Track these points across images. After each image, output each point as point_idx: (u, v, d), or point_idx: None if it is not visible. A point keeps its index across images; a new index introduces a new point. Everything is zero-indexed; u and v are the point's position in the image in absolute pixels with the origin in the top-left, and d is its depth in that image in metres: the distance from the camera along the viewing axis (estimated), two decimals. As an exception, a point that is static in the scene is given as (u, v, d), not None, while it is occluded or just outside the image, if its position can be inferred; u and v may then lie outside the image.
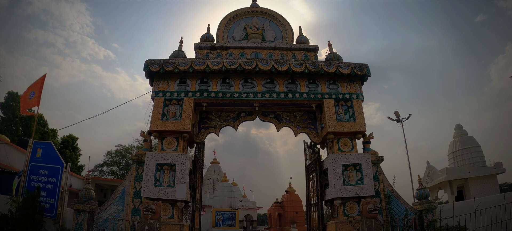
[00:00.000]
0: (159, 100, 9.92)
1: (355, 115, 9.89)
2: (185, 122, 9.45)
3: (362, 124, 9.78)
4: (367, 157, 9.42)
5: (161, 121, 9.58)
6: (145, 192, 8.83)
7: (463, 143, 20.67)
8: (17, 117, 27.51)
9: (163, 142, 9.62)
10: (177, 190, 8.75)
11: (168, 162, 9.09)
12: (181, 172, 8.92)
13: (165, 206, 8.93)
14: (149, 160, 9.15)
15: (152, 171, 9.05)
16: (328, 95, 10.05)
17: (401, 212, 9.45)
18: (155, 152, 9.46)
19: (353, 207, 9.15)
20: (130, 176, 9.55)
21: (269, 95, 9.82)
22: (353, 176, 9.29)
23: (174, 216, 8.82)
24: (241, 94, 9.80)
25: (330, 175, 9.22)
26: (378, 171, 9.77)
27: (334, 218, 9.38)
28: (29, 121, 27.24)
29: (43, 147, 10.42)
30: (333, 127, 9.58)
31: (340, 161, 9.23)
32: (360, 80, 10.55)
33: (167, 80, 10.19)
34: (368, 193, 9.01)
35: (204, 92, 9.88)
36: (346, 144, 9.76)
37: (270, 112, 10.36)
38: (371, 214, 8.05)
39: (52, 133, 29.76)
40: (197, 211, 9.91)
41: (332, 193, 8.96)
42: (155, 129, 9.50)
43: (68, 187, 19.60)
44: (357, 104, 10.10)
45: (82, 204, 9.10)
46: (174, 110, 9.79)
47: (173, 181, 8.92)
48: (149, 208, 7.62)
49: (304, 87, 10.09)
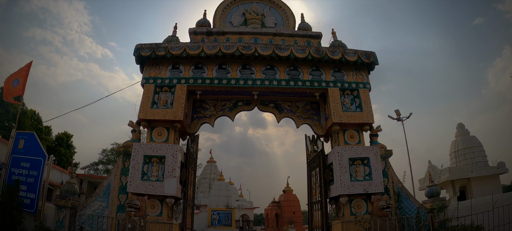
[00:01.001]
0: (149, 87, 8.85)
1: (362, 105, 8.88)
2: (177, 110, 8.38)
3: (370, 115, 8.76)
4: (375, 150, 8.40)
5: (151, 109, 8.50)
6: (131, 186, 7.75)
7: (465, 142, 19.76)
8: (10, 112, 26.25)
9: (153, 132, 8.54)
10: (167, 184, 7.66)
11: (157, 153, 8.00)
12: (171, 164, 7.84)
13: (153, 203, 7.84)
14: (137, 151, 8.07)
15: (140, 163, 7.96)
16: (333, 84, 9.03)
17: (412, 211, 8.44)
18: (144, 143, 8.37)
19: (361, 205, 8.11)
20: (116, 169, 8.47)
21: (269, 83, 8.78)
22: (361, 171, 8.26)
23: (163, 213, 7.73)
24: (239, 81, 8.76)
25: (335, 169, 8.18)
26: (387, 166, 8.77)
27: (340, 217, 8.33)
28: (23, 117, 25.97)
29: (25, 137, 9.39)
30: (339, 117, 8.55)
31: (346, 154, 8.20)
32: (367, 69, 9.56)
33: (159, 66, 9.13)
34: (377, 189, 7.99)
35: (198, 79, 8.82)
36: (352, 137, 8.73)
37: (270, 101, 9.30)
38: (384, 212, 7.02)
39: (47, 130, 28.52)
40: (189, 209, 8.81)
41: (338, 190, 7.91)
42: (144, 118, 8.42)
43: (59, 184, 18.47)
44: (364, 94, 9.10)
45: (64, 200, 8.03)
46: (165, 98, 8.72)
47: (162, 175, 7.83)
48: (133, 203, 6.53)
49: (307, 75, 9.07)
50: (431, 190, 8.97)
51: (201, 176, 31.64)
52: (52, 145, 28.08)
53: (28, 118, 25.92)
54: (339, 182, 7.90)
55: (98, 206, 8.40)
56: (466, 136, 20.12)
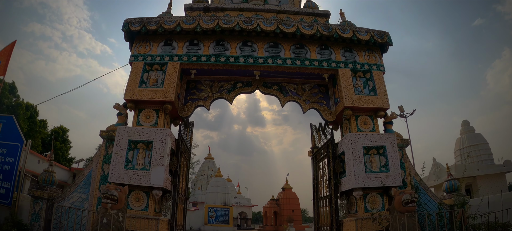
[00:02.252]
0: (138, 64, 7.60)
1: (376, 88, 7.66)
2: (167, 89, 7.13)
3: (385, 99, 7.54)
4: (392, 138, 7.18)
5: (139, 88, 7.25)
6: (113, 175, 6.49)
7: (470, 140, 18.59)
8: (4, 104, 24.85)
9: (140, 115, 7.28)
10: (153, 174, 6.40)
11: (144, 138, 6.74)
12: (159, 151, 6.58)
13: (137, 195, 6.57)
14: (121, 135, 6.81)
15: (123, 149, 6.70)
16: (343, 64, 7.81)
17: (431, 207, 7.23)
18: (129, 126, 7.10)
19: (376, 200, 6.88)
20: (98, 157, 7.20)
21: (273, 61, 7.53)
22: (376, 162, 7.04)
23: (149, 208, 6.47)
24: (239, 59, 7.51)
25: (348, 159, 6.94)
26: (403, 157, 7.55)
27: (352, 214, 7.09)
28: (17, 108, 24.59)
29: (3, 121, 8.11)
30: (351, 100, 7.32)
31: (360, 142, 6.97)
32: (380, 50, 8.35)
33: (150, 42, 7.88)
34: (395, 182, 6.77)
35: (193, 56, 7.57)
36: (366, 123, 7.50)
37: (273, 83, 8.04)
38: (408, 208, 5.78)
39: (42, 123, 27.13)
40: (181, 203, 7.54)
41: (352, 182, 6.68)
42: (130, 98, 7.16)
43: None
44: (378, 76, 7.88)
45: (40, 190, 6.79)
46: (155, 77, 7.47)
47: (149, 163, 6.57)
48: (109, 194, 5.26)
49: (315, 54, 7.84)
50: (450, 184, 7.76)
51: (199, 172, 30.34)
52: (47, 139, 26.69)
53: (23, 109, 24.54)
54: (353, 174, 6.66)
55: (77, 198, 7.13)
56: (472, 133, 18.97)
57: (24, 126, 23.96)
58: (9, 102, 24.38)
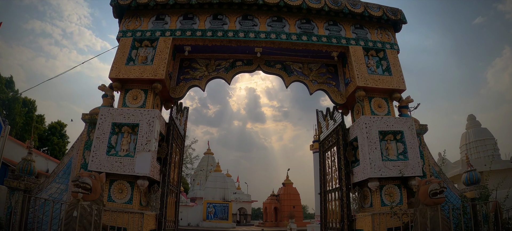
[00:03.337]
0: (126, 41, 6.60)
1: (390, 68, 6.68)
2: (157, 66, 6.13)
3: (401, 80, 6.56)
4: (410, 123, 6.19)
5: (126, 66, 6.25)
6: (93, 163, 5.49)
7: (477, 135, 17.56)
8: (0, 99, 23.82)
9: (127, 95, 6.28)
10: (138, 161, 5.39)
11: (129, 121, 5.74)
12: (146, 135, 5.58)
13: (121, 185, 5.57)
14: (104, 118, 5.81)
15: (106, 133, 5.70)
16: (354, 42, 6.82)
17: (452, 200, 6.27)
18: (113, 108, 6.09)
19: (393, 192, 5.88)
20: (79, 143, 6.20)
21: (276, 36, 6.53)
22: (393, 149, 6.05)
23: (133, 200, 5.46)
24: (238, 33, 6.50)
25: (362, 145, 5.94)
26: (421, 145, 6.57)
27: (365, 208, 6.10)
28: (13, 103, 23.55)
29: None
30: (364, 80, 6.33)
31: (376, 126, 5.97)
32: (393, 28, 7.37)
33: (140, 18, 6.89)
34: (415, 172, 5.79)
35: (187, 31, 6.56)
36: (380, 106, 6.51)
37: (276, 62, 7.02)
38: (435, 199, 4.78)
39: (39, 118, 26.10)
40: (172, 196, 6.53)
41: (367, 172, 5.68)
42: (116, 77, 6.17)
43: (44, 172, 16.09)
44: (392, 55, 6.90)
45: (17, 181, 5.82)
46: (145, 54, 6.47)
47: (134, 150, 5.57)
48: (80, 181, 4.26)
49: (323, 30, 6.84)
50: (470, 175, 6.78)
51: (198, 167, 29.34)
52: (45, 134, 25.66)
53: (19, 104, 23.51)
54: (368, 162, 5.67)
55: (56, 189, 6.14)
56: (478, 128, 17.95)
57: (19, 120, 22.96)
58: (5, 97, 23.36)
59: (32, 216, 5.80)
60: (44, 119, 26.47)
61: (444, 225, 4.80)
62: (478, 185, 6.64)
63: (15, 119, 22.93)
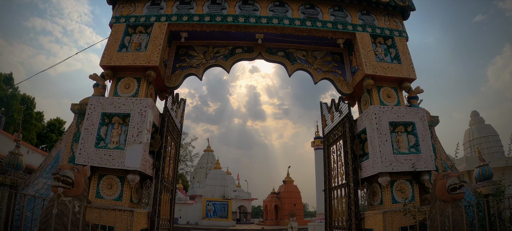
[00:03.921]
0: (119, 27, 6.10)
1: (399, 56, 6.19)
2: (151, 53, 5.63)
3: (411, 68, 6.07)
4: (422, 114, 5.70)
5: (118, 53, 5.75)
6: (81, 156, 4.99)
7: (480, 131, 17.06)
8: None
9: (119, 84, 5.78)
10: (128, 153, 4.89)
11: (120, 111, 5.24)
12: (137, 125, 5.07)
13: (110, 180, 5.07)
14: (93, 107, 5.31)
15: (95, 124, 5.20)
16: (361, 28, 6.31)
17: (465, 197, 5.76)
18: (104, 97, 5.59)
19: (405, 188, 5.38)
20: (68, 135, 5.70)
21: (279, 21, 6.02)
22: (404, 141, 5.54)
23: (123, 197, 4.96)
24: (238, 18, 5.99)
25: (371, 138, 5.44)
26: (433, 137, 6.07)
27: (375, 205, 5.60)
28: (12, 99, 23.02)
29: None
30: (373, 68, 5.83)
31: (386, 117, 5.47)
32: (401, 16, 6.87)
33: (134, 3, 6.39)
34: (428, 166, 5.29)
35: (183, 16, 6.05)
36: (389, 96, 6.01)
37: (279, 49, 6.51)
38: (454, 195, 4.29)
39: (38, 115, 25.59)
40: (167, 193, 6.02)
41: (377, 166, 5.17)
42: (107, 64, 5.66)
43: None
44: (401, 43, 6.40)
45: (3, 176, 5.33)
46: (138, 41, 5.97)
47: (124, 141, 5.06)
48: (61, 174, 3.76)
49: (328, 16, 6.33)
50: (483, 170, 6.29)
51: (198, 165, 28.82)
52: (43, 132, 25.15)
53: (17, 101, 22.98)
54: (379, 155, 5.16)
55: (43, 185, 5.63)
56: (481, 124, 17.45)
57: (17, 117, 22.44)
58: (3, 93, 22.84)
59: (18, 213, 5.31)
60: (43, 116, 25.98)
61: (464, 222, 4.31)
62: (491, 181, 6.17)
63: (13, 116, 22.42)
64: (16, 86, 22.24)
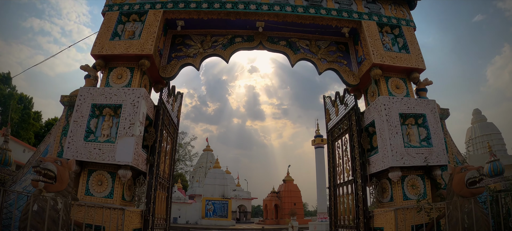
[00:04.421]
0: (112, 15, 5.71)
1: (408, 46, 5.81)
2: (145, 41, 5.23)
3: (420, 58, 5.69)
4: (433, 105, 5.32)
5: (110, 41, 5.35)
6: (69, 150, 4.58)
7: (483, 129, 16.72)
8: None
9: (111, 74, 5.37)
10: (119, 147, 4.48)
11: (111, 101, 4.83)
12: (129, 117, 4.67)
13: (100, 176, 4.66)
14: (83, 99, 4.90)
15: (85, 116, 4.80)
16: (367, 16, 5.93)
17: (479, 195, 5.35)
18: (94, 87, 5.18)
19: (417, 184, 4.99)
20: (57, 129, 5.30)
21: (281, 9, 5.62)
22: (414, 134, 5.16)
23: (114, 194, 4.55)
24: (237, 5, 5.60)
25: (380, 130, 5.05)
26: (443, 131, 5.68)
27: (384, 202, 5.20)
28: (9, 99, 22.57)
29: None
30: (380, 57, 5.44)
31: (396, 108, 5.08)
32: (408, 5, 6.50)
33: (127, -9, 5.98)
34: (440, 160, 4.92)
35: (179, 2, 5.66)
36: (398, 87, 5.62)
37: (281, 38, 6.11)
38: (474, 190, 3.91)
39: (36, 115, 25.14)
40: (161, 190, 5.61)
41: (388, 160, 4.78)
42: (99, 53, 5.26)
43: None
44: (409, 32, 6.04)
45: None
46: (132, 29, 5.57)
47: (116, 135, 4.66)
48: (42, 167, 3.35)
49: (332, 3, 5.95)
50: (494, 166, 5.95)
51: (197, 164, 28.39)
52: (41, 131, 24.68)
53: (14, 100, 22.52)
54: (389, 148, 4.77)
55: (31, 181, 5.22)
56: (484, 122, 17.12)
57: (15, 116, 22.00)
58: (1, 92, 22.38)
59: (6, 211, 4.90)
60: (41, 115, 25.52)
61: (484, 219, 3.93)
62: (503, 176, 5.81)
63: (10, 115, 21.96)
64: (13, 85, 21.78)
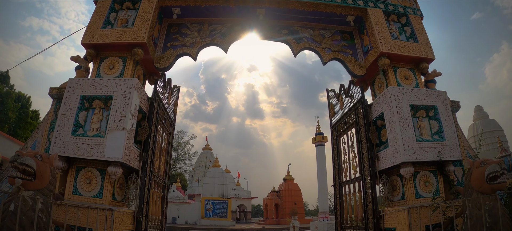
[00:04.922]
0: (104, 3, 5.34)
1: (416, 35, 5.46)
2: (139, 28, 4.86)
3: (429, 48, 5.34)
4: (444, 97, 4.96)
5: (102, 30, 4.98)
6: (56, 145, 4.20)
7: (485, 126, 16.40)
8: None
9: (102, 64, 5.00)
10: (109, 142, 4.10)
11: (102, 93, 4.45)
12: (120, 109, 4.29)
13: (89, 174, 4.28)
14: (72, 90, 4.53)
15: (73, 109, 4.42)
16: (373, 4, 5.57)
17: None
18: (84, 78, 4.80)
19: (430, 180, 4.63)
20: (45, 123, 4.91)
21: (283, -5, 5.25)
22: (426, 127, 4.80)
23: (104, 193, 4.16)
24: (236, -9, 5.22)
25: (391, 123, 4.68)
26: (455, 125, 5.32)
27: (395, 201, 4.83)
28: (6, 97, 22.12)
29: None
30: (388, 45, 5.09)
31: (406, 99, 4.72)
32: (415, -6, 6.14)
33: (120, -23, 5.60)
34: (453, 155, 4.57)
35: (174, -10, 5.28)
36: (407, 77, 5.26)
37: (282, 26, 5.74)
38: (494, 185, 3.55)
39: (34, 114, 24.68)
40: (156, 190, 5.23)
41: (399, 155, 4.41)
42: (90, 42, 4.89)
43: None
44: (416, 21, 5.69)
45: None
46: (125, 17, 5.21)
47: (106, 128, 4.28)
48: (20, 162, 2.97)
49: (337, -10, 5.58)
50: (505, 161, 5.60)
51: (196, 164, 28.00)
52: (40, 131, 24.20)
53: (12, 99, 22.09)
54: (401, 142, 4.40)
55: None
56: (486, 119, 16.81)
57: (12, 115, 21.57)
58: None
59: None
60: (39, 114, 25.05)
61: (507, 217, 3.57)
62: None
63: (7, 114, 21.55)
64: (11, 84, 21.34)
